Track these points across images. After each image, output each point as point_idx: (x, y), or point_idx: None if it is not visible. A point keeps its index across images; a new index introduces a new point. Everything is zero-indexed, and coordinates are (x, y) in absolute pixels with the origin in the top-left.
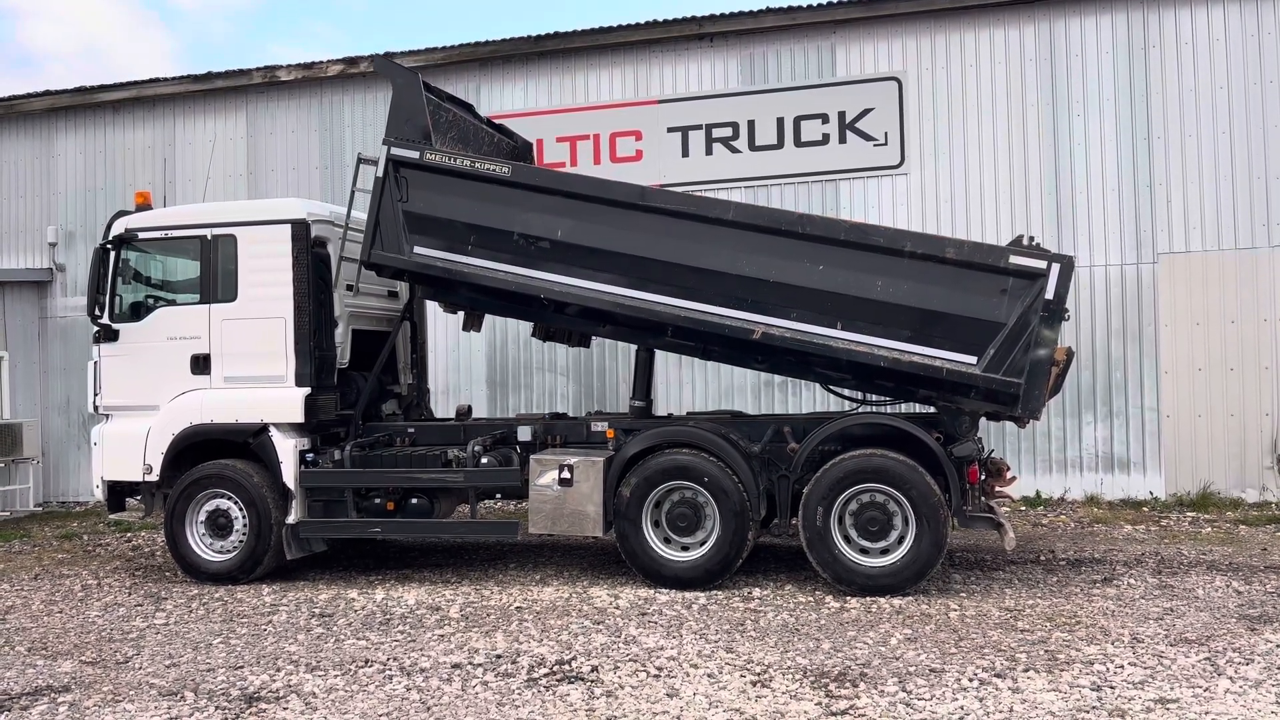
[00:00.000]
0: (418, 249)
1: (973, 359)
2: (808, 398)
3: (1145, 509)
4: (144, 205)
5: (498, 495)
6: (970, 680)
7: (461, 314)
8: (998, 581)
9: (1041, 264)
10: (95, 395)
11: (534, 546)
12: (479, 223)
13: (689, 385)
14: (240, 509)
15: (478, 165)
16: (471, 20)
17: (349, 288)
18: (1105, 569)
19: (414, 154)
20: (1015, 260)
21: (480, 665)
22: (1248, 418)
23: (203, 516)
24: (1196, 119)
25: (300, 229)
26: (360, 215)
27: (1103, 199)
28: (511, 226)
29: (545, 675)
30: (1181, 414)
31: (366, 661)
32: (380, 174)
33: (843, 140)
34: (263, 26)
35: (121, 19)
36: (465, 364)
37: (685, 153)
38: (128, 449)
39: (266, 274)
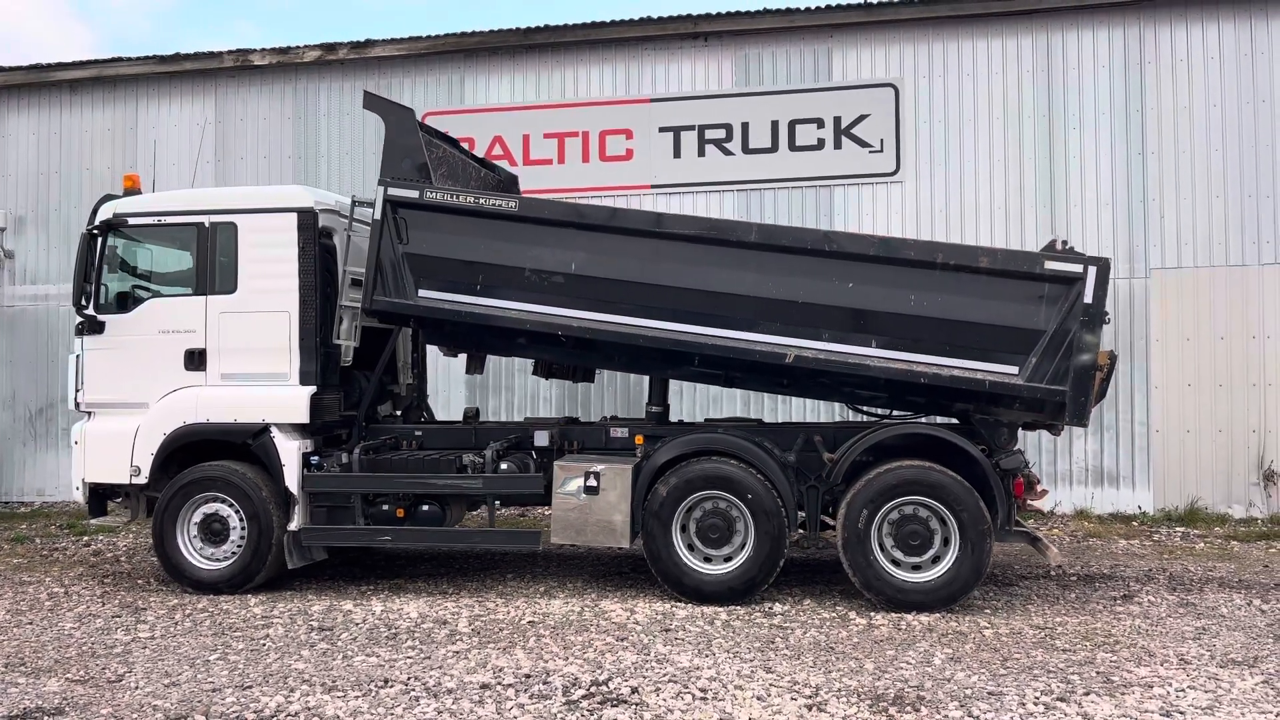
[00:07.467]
0: (423, 292)
1: (1014, 369)
2: (798, 401)
3: (1135, 523)
4: (132, 189)
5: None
6: (1035, 704)
7: (464, 356)
8: (1018, 598)
9: (1078, 268)
10: (77, 391)
11: (529, 555)
12: (487, 261)
13: (676, 390)
14: (240, 517)
15: (483, 201)
16: (398, 20)
17: (355, 282)
18: (1120, 585)
19: (413, 193)
20: (1050, 265)
21: (510, 685)
22: (1235, 434)
23: (198, 518)
24: (1190, 135)
25: (308, 218)
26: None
27: (1096, 212)
28: (522, 263)
29: (584, 697)
30: (1170, 429)
31: (386, 681)
32: (378, 215)
33: (838, 146)
34: (184, 23)
35: (33, 8)
36: (444, 363)
37: (677, 153)
38: (113, 449)
39: (270, 265)
